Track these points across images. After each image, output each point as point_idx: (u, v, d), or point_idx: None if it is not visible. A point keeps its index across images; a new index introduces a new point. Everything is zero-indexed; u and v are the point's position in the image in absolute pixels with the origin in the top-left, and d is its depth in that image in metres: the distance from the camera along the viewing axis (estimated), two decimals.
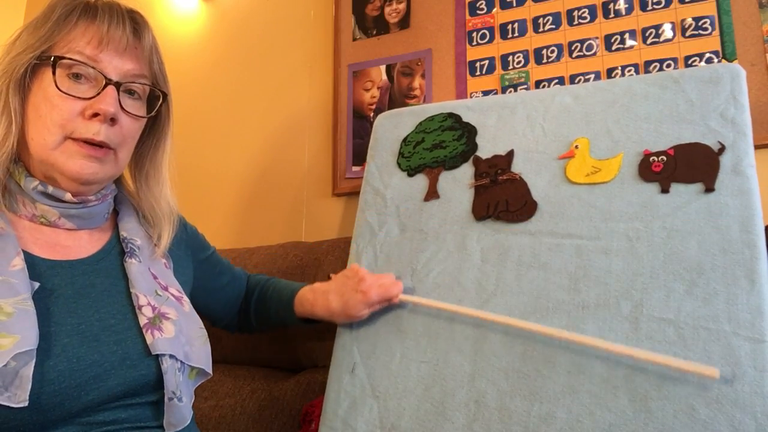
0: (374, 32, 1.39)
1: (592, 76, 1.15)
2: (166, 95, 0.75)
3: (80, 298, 0.65)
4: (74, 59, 0.66)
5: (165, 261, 0.77)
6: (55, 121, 0.65)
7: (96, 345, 0.63)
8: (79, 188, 0.68)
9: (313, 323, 0.92)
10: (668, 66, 1.09)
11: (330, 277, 0.91)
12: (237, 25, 1.61)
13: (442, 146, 0.94)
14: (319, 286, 0.90)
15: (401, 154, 0.97)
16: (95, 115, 0.66)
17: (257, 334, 1.11)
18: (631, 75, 1.11)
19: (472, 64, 1.26)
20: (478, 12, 1.28)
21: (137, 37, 0.70)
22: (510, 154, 0.88)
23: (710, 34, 1.06)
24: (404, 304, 0.85)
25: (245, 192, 1.52)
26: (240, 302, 0.98)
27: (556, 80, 1.18)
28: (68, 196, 0.68)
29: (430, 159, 0.94)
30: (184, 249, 0.86)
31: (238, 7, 1.62)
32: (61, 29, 0.66)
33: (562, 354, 0.72)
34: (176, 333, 0.67)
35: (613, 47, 1.14)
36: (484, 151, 0.90)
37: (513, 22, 1.24)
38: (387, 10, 1.38)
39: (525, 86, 1.20)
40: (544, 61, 1.20)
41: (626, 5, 1.14)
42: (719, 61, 1.05)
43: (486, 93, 1.24)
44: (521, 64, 1.21)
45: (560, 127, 0.86)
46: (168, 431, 0.67)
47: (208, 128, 1.60)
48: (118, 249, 0.73)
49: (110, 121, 0.67)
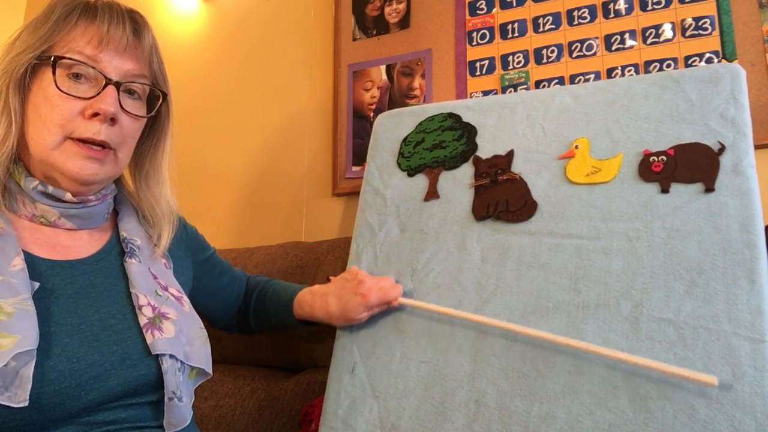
0: (374, 32, 1.39)
1: (592, 76, 1.15)
2: (165, 95, 0.75)
3: (80, 298, 0.65)
4: (74, 59, 0.66)
5: (165, 261, 0.77)
6: (55, 120, 0.65)
7: (96, 345, 0.63)
8: (79, 188, 0.68)
9: (311, 325, 0.92)
10: (668, 66, 1.09)
11: (329, 279, 0.91)
12: (237, 25, 1.61)
13: (442, 146, 0.94)
14: (318, 288, 0.89)
15: (401, 154, 0.97)
16: (95, 114, 0.66)
17: (257, 335, 1.11)
18: (631, 75, 1.11)
19: (472, 64, 1.26)
20: (478, 12, 1.28)
21: (137, 37, 0.70)
22: (510, 154, 0.88)
23: (710, 34, 1.06)
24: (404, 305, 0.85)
25: (245, 192, 1.52)
26: (239, 303, 0.98)
27: (556, 80, 1.18)
28: (68, 196, 0.68)
29: (430, 159, 0.94)
30: (184, 249, 0.86)
31: (238, 7, 1.62)
32: (61, 29, 0.66)
33: (562, 354, 0.72)
34: (176, 333, 0.67)
35: (613, 47, 1.14)
36: (484, 151, 0.90)
37: (513, 22, 1.24)
38: (387, 10, 1.38)
39: (525, 86, 1.20)
40: (544, 61, 1.20)
41: (626, 5, 1.14)
42: (719, 61, 1.05)
43: (486, 93, 1.24)
44: (521, 64, 1.22)
45: (560, 127, 0.86)
46: (168, 431, 0.67)
47: (208, 128, 1.60)
48: (118, 249, 0.73)
49: (110, 120, 0.67)
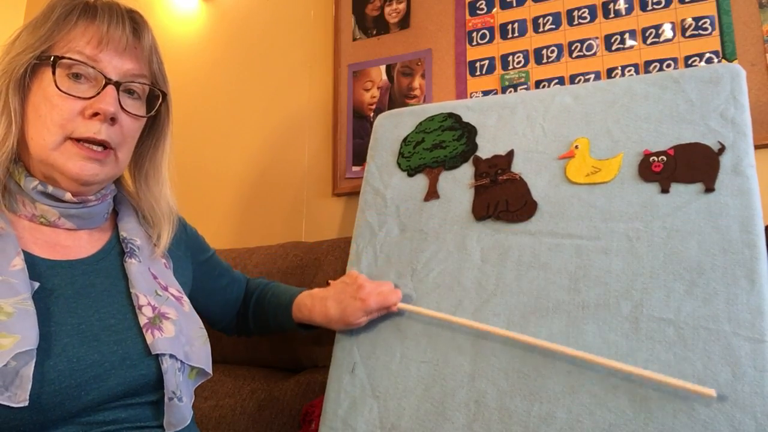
0: (374, 32, 1.38)
1: (592, 76, 1.15)
2: (165, 95, 0.75)
3: (80, 298, 0.65)
4: (74, 59, 0.66)
5: (165, 261, 0.77)
6: (55, 120, 0.65)
7: (96, 345, 0.63)
8: (79, 189, 0.68)
9: (310, 329, 0.92)
10: (668, 66, 1.09)
11: (329, 283, 0.90)
12: (237, 25, 1.61)
13: (442, 146, 0.94)
14: (317, 292, 0.89)
15: (401, 154, 0.97)
16: (95, 114, 0.66)
17: (256, 336, 1.10)
18: (631, 75, 1.11)
19: (472, 64, 1.26)
20: (478, 12, 1.28)
21: (137, 37, 0.70)
22: (510, 154, 0.88)
23: (710, 34, 1.06)
24: None
25: (245, 192, 1.52)
26: (238, 305, 0.98)
27: (556, 80, 1.18)
28: (68, 195, 0.68)
29: (430, 159, 0.94)
30: (184, 250, 0.86)
31: (238, 7, 1.62)
32: (60, 29, 0.66)
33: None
34: (176, 333, 0.67)
35: (613, 47, 1.14)
36: (484, 151, 0.90)
37: (513, 22, 1.24)
38: (387, 10, 1.38)
39: (525, 86, 1.20)
40: (544, 61, 1.20)
41: (626, 5, 1.14)
42: (719, 61, 1.05)
43: (486, 93, 1.24)
44: (521, 64, 1.21)
45: (560, 127, 0.86)
46: (168, 431, 0.67)
47: (208, 128, 1.60)
48: (117, 249, 0.73)
49: (110, 120, 0.67)
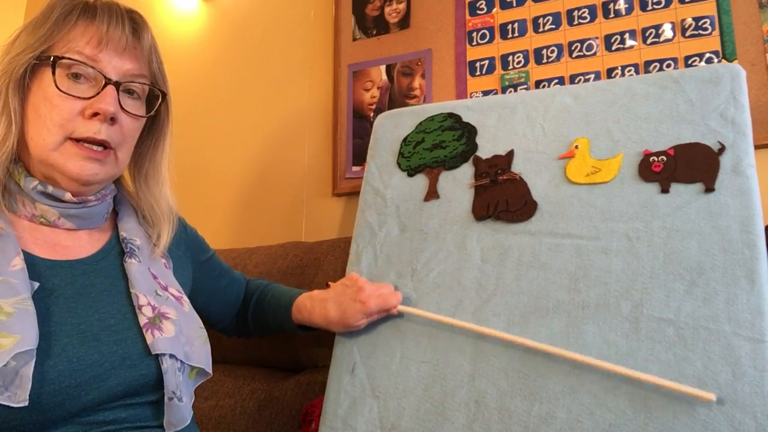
0: (374, 32, 1.38)
1: (592, 76, 1.15)
2: (165, 95, 0.75)
3: (80, 298, 0.65)
4: (74, 59, 0.66)
5: (165, 261, 0.77)
6: (55, 121, 0.65)
7: (96, 345, 0.63)
8: (79, 189, 0.68)
9: (310, 330, 0.92)
10: (668, 66, 1.09)
11: (328, 285, 0.90)
12: (237, 25, 1.61)
13: (442, 146, 0.94)
14: (317, 294, 0.89)
15: (401, 154, 0.97)
16: (95, 114, 0.66)
17: (256, 338, 1.10)
18: (631, 75, 1.11)
19: (472, 64, 1.26)
20: (478, 12, 1.28)
21: (136, 37, 0.70)
22: (510, 154, 0.88)
23: (710, 34, 1.06)
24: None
25: (245, 192, 1.52)
26: (238, 306, 0.98)
27: (556, 80, 1.18)
28: (68, 196, 0.68)
29: (430, 159, 0.94)
30: (184, 250, 0.86)
31: (238, 7, 1.62)
32: (60, 29, 0.66)
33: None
34: (176, 333, 0.67)
35: (613, 47, 1.14)
36: (484, 151, 0.90)
37: (513, 22, 1.24)
38: (387, 10, 1.38)
39: (525, 86, 1.20)
40: (544, 61, 1.20)
41: (626, 5, 1.14)
42: (719, 61, 1.05)
43: (486, 93, 1.24)
44: (521, 64, 1.21)
45: (560, 127, 0.86)
46: (168, 431, 0.67)
47: (208, 128, 1.60)
48: (117, 249, 0.73)
49: (110, 120, 0.67)
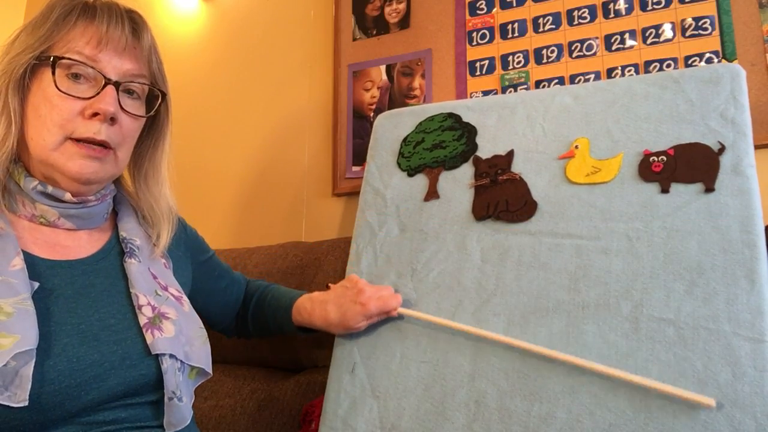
0: (374, 32, 1.38)
1: (592, 76, 1.15)
2: (165, 95, 0.75)
3: (80, 298, 0.65)
4: (73, 59, 0.66)
5: (164, 261, 0.77)
6: (55, 121, 0.65)
7: (96, 345, 0.63)
8: (79, 188, 0.68)
9: (310, 332, 0.92)
10: (668, 66, 1.09)
11: (329, 286, 0.90)
12: (237, 25, 1.61)
13: (442, 146, 0.94)
14: (317, 295, 0.89)
15: (401, 154, 0.97)
16: (95, 114, 0.66)
17: (256, 339, 1.10)
18: (631, 75, 1.11)
19: (472, 64, 1.26)
20: (478, 12, 1.28)
21: (136, 37, 0.70)
22: (510, 154, 0.88)
23: (710, 34, 1.06)
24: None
25: (245, 192, 1.52)
26: (238, 307, 0.98)
27: (556, 80, 1.18)
28: (68, 196, 0.68)
29: (430, 159, 0.94)
30: (184, 250, 0.86)
31: (238, 7, 1.62)
32: (60, 29, 0.66)
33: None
34: (176, 333, 0.67)
35: (613, 47, 1.14)
36: (484, 151, 0.90)
37: (513, 22, 1.24)
38: (387, 10, 1.38)
39: (525, 86, 1.20)
40: (544, 61, 1.19)
41: (626, 5, 1.14)
42: (719, 61, 1.05)
43: (486, 93, 1.24)
44: (521, 64, 1.21)
45: (560, 127, 0.86)
46: (168, 431, 0.67)
47: (208, 128, 1.60)
48: (117, 249, 0.73)
49: (110, 120, 0.67)
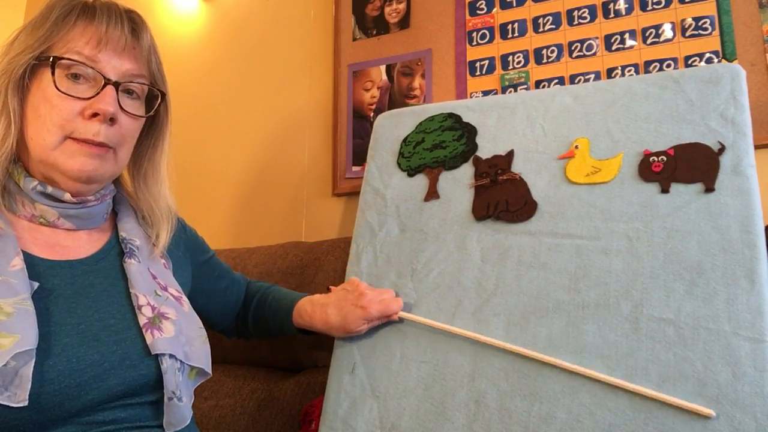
0: (374, 32, 1.38)
1: (592, 76, 1.14)
2: (164, 95, 0.75)
3: (80, 298, 0.65)
4: (73, 59, 0.66)
5: (164, 261, 0.77)
6: (55, 121, 0.65)
7: (96, 345, 0.63)
8: (79, 188, 0.68)
9: (310, 334, 0.92)
10: (668, 66, 1.09)
11: (329, 289, 0.90)
12: (237, 25, 1.61)
13: (442, 146, 0.94)
14: (318, 298, 0.89)
15: (401, 154, 0.97)
16: (95, 114, 0.66)
17: (256, 340, 1.10)
18: (631, 75, 1.11)
19: (472, 64, 1.26)
20: (478, 12, 1.28)
21: (135, 37, 0.70)
22: (510, 154, 0.88)
23: (710, 34, 1.06)
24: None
25: (245, 192, 1.52)
26: (238, 307, 0.98)
27: (556, 80, 1.18)
28: (67, 196, 0.68)
29: (430, 159, 0.94)
30: (183, 250, 0.86)
31: (238, 7, 1.62)
32: (59, 29, 0.66)
33: (562, 354, 0.72)
34: (176, 333, 0.67)
35: (613, 47, 1.14)
36: (484, 151, 0.90)
37: (513, 22, 1.24)
38: (387, 10, 1.38)
39: (525, 86, 1.20)
40: (544, 61, 1.19)
41: (626, 5, 1.14)
42: (719, 61, 1.05)
43: (486, 93, 1.24)
44: (521, 64, 1.21)
45: (560, 127, 0.86)
46: (168, 431, 0.67)
47: (208, 128, 1.60)
48: (117, 249, 0.73)
49: (110, 120, 0.67)
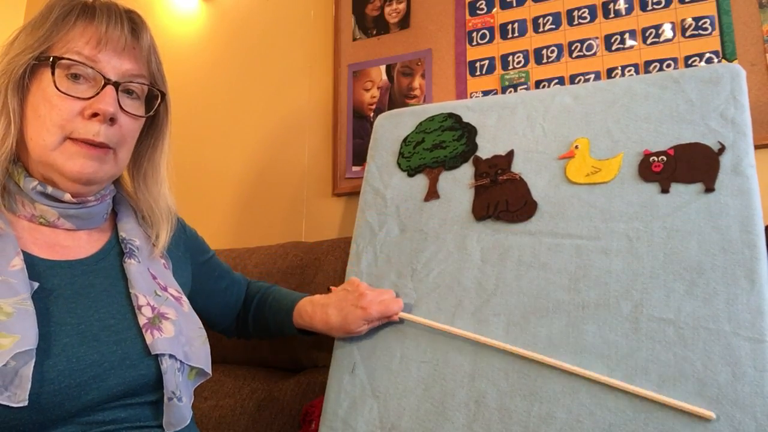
0: (374, 32, 1.38)
1: (592, 76, 1.14)
2: (164, 95, 0.75)
3: (80, 298, 0.65)
4: (73, 59, 0.66)
5: (164, 261, 0.77)
6: (55, 121, 0.65)
7: (96, 345, 0.63)
8: (79, 189, 0.68)
9: (311, 335, 0.92)
10: (668, 66, 1.09)
11: (330, 289, 0.90)
12: (237, 25, 1.61)
13: (442, 146, 0.94)
14: (318, 298, 0.89)
15: (401, 154, 0.97)
16: (94, 115, 0.66)
17: (256, 340, 1.10)
18: (631, 75, 1.11)
19: (472, 64, 1.26)
20: (478, 12, 1.28)
21: (135, 37, 0.70)
22: (510, 154, 0.88)
23: (710, 34, 1.06)
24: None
25: (245, 192, 1.52)
26: (238, 308, 0.98)
27: (556, 80, 1.18)
28: (67, 196, 0.68)
29: (430, 159, 0.94)
30: (183, 251, 0.86)
31: (238, 7, 1.62)
32: (59, 30, 0.66)
33: (562, 354, 0.72)
34: (176, 333, 0.67)
35: (613, 47, 1.14)
36: (484, 151, 0.90)
37: (513, 22, 1.24)
38: (387, 10, 1.38)
39: (525, 86, 1.20)
40: (544, 61, 1.19)
41: (626, 5, 1.14)
42: (719, 61, 1.05)
43: (486, 93, 1.24)
44: (521, 64, 1.21)
45: (560, 127, 0.86)
46: (167, 431, 0.67)
47: (208, 128, 1.60)
48: (117, 249, 0.73)
49: (109, 120, 0.67)
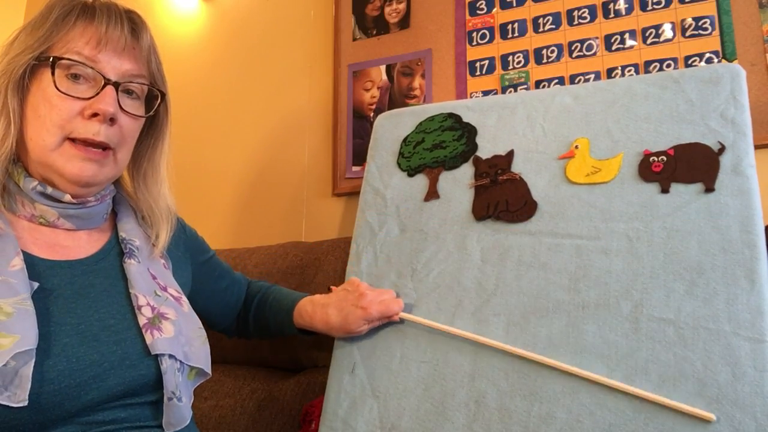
0: (374, 32, 1.38)
1: (592, 76, 1.14)
2: (164, 95, 0.75)
3: (79, 298, 0.65)
4: (73, 59, 0.66)
5: (164, 261, 0.77)
6: (55, 121, 0.65)
7: (95, 345, 0.63)
8: (78, 190, 0.68)
9: (311, 334, 0.92)
10: (668, 66, 1.09)
11: (330, 289, 0.90)
12: (237, 25, 1.61)
13: (442, 146, 0.94)
14: (318, 298, 0.89)
15: (401, 154, 0.97)
16: (94, 115, 0.66)
17: (256, 340, 1.10)
18: (631, 75, 1.11)
19: (472, 64, 1.26)
20: (478, 12, 1.28)
21: (135, 37, 0.70)
22: (510, 154, 0.88)
23: (710, 34, 1.06)
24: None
25: (245, 192, 1.52)
26: (239, 307, 0.98)
27: (556, 80, 1.18)
28: (67, 197, 0.68)
29: (430, 159, 0.94)
30: (183, 250, 0.86)
31: (238, 7, 1.62)
32: (59, 30, 0.66)
33: (562, 354, 0.72)
34: (176, 333, 0.67)
35: (613, 47, 1.14)
36: (484, 151, 0.90)
37: (513, 22, 1.24)
38: (387, 10, 1.38)
39: (525, 86, 1.20)
40: (544, 61, 1.19)
41: (626, 5, 1.14)
42: (719, 61, 1.05)
43: (486, 93, 1.24)
44: (521, 64, 1.21)
45: (560, 127, 0.86)
46: (167, 431, 0.67)
47: (208, 128, 1.60)
48: (117, 249, 0.73)
49: (109, 121, 0.67)
